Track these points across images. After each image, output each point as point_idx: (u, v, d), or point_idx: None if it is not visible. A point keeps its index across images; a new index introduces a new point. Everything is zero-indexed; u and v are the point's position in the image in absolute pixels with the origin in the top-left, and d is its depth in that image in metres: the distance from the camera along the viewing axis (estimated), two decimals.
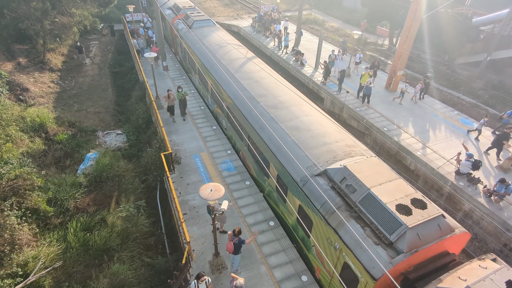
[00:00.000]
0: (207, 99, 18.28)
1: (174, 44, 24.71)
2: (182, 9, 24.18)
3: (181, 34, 21.18)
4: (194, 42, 19.03)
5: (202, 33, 20.06)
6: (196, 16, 22.25)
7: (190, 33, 19.88)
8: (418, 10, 17.56)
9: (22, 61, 21.61)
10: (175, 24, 22.85)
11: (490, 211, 12.30)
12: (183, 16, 23.07)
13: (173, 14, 24.29)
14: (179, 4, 25.70)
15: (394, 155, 16.18)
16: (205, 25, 21.32)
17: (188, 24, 21.14)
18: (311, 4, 39.98)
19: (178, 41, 22.41)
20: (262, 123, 11.77)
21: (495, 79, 24.16)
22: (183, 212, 11.34)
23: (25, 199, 10.76)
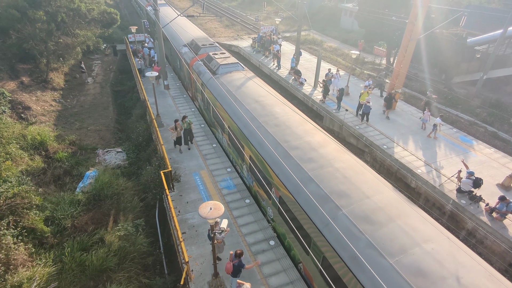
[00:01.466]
0: (240, 168, 14.34)
1: (191, 88, 21.16)
2: (202, 48, 20.81)
3: (203, 80, 17.75)
4: (221, 94, 15.63)
5: (231, 81, 16.42)
6: (221, 58, 18.61)
7: (215, 81, 16.63)
8: (414, 31, 18.02)
9: (25, 80, 21.92)
10: (195, 66, 19.47)
11: (493, 229, 12.13)
12: (204, 56, 19.69)
13: (191, 53, 21.08)
14: (198, 41, 22.24)
15: (394, 173, 16.13)
16: (233, 69, 17.74)
17: (212, 69, 17.81)
18: (309, 25, 41.01)
19: (198, 88, 18.88)
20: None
21: (492, 97, 24.44)
22: (182, 231, 11.18)
23: (22, 218, 10.63)
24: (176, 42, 23.58)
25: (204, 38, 23.71)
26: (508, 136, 19.70)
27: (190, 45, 22.38)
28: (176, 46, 23.10)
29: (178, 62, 23.35)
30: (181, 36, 23.95)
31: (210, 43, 22.05)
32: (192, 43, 22.39)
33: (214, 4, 57.16)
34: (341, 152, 11.07)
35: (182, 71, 23.09)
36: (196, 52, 20.85)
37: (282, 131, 12.17)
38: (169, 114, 19.22)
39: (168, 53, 26.87)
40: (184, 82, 23.00)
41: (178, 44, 23.26)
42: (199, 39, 23.19)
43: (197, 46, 21.33)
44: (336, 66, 27.44)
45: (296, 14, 32.24)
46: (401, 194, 9.40)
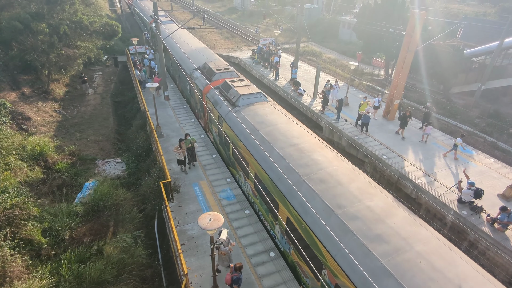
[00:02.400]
0: (271, 227, 11.86)
1: (204, 117, 18.88)
2: (217, 73, 18.45)
3: (221, 112, 15.47)
4: (243, 132, 13.23)
5: (255, 115, 14.02)
6: (240, 86, 16.25)
7: (235, 115, 14.27)
8: (411, 42, 18.25)
9: (26, 91, 22.06)
10: (209, 95, 17.18)
11: (495, 241, 12.01)
12: (220, 83, 17.46)
13: (203, 80, 18.65)
14: (211, 64, 19.75)
15: (394, 183, 16.08)
16: (256, 101, 15.37)
17: (231, 99, 15.61)
18: (308, 37, 41.58)
19: (214, 120, 16.60)
20: None
21: (490, 107, 24.60)
22: (181, 243, 11.06)
23: (19, 229, 10.53)
24: (186, 65, 21.37)
25: (218, 61, 21.23)
26: (507, 146, 19.73)
27: (202, 70, 19.84)
28: (185, 69, 21.18)
29: (188, 87, 21.29)
30: (191, 59, 21.44)
31: (225, 67, 19.56)
32: (205, 67, 19.82)
33: (214, 16, 58.05)
34: (417, 225, 8.32)
35: (192, 97, 20.88)
36: (210, 77, 18.43)
37: (331, 189, 9.54)
38: (169, 124, 19.27)
39: (169, 64, 27.10)
40: (196, 110, 20.69)
41: (188, 67, 20.97)
42: (213, 62, 20.60)
43: (211, 70, 18.87)
44: (335, 77, 27.70)
45: (295, 26, 32.73)
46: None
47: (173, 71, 26.36)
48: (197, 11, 48.60)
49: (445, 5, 56.76)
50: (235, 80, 17.19)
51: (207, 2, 76.44)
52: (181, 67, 21.85)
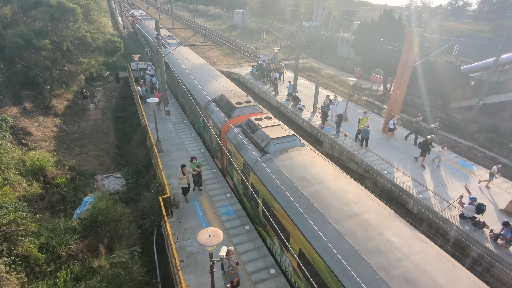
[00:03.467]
0: None
1: (222, 159, 16.11)
2: (238, 108, 15.85)
3: (247, 160, 12.59)
4: (279, 191, 10.40)
5: (292, 167, 11.23)
6: (269, 127, 13.43)
7: (265, 166, 11.41)
8: (409, 59, 18.55)
9: (28, 106, 22.22)
10: (230, 135, 14.41)
11: (499, 257, 11.82)
12: (243, 122, 14.76)
13: (221, 115, 15.99)
14: (231, 97, 17.03)
15: (395, 198, 15.96)
16: (290, 146, 12.53)
17: (259, 143, 12.85)
18: (307, 53, 42.27)
19: (236, 166, 13.82)
20: None
21: (489, 122, 24.74)
22: (180, 259, 10.87)
23: (16, 246, 10.37)
24: (199, 96, 19.00)
25: (236, 91, 18.42)
26: (508, 161, 19.71)
27: (219, 102, 17.27)
28: (198, 101, 18.98)
29: (201, 120, 18.73)
30: (205, 88, 19.15)
31: (245, 100, 16.86)
32: (222, 99, 17.24)
33: (215, 33, 59.22)
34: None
35: (206, 132, 18.27)
36: (229, 113, 15.93)
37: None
38: (169, 139, 19.32)
39: (170, 80, 27.33)
40: (210, 147, 18.17)
41: (201, 99, 18.61)
42: (230, 92, 18.05)
43: (230, 104, 16.32)
44: (334, 93, 27.98)
45: (294, 43, 33.34)
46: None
47: (175, 89, 26.01)
48: (198, 29, 49.54)
49: (441, 23, 58.05)
50: (260, 118, 14.46)
51: (208, 20, 78.19)
52: (193, 98, 19.60)
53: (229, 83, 20.89)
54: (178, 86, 23.75)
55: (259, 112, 15.97)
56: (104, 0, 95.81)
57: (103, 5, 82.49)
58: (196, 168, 13.80)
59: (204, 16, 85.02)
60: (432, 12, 68.56)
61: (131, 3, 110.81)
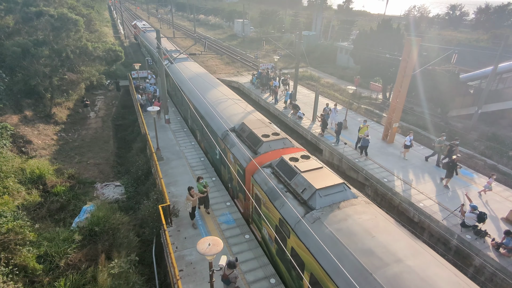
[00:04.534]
0: None
1: (247, 204, 13.31)
2: (265, 143, 13.15)
3: (284, 215, 10.00)
4: (340, 273, 7.69)
5: (351, 234, 8.47)
6: (310, 171, 10.83)
7: (313, 232, 8.58)
8: (408, 67, 18.69)
9: (29, 114, 22.29)
10: (258, 178, 11.90)
11: (502, 266, 11.70)
12: (273, 160, 12.35)
13: (244, 150, 13.20)
14: (254, 127, 14.34)
15: (396, 207, 15.89)
16: (340, 198, 9.88)
17: (299, 194, 10.19)
18: (307, 62, 42.61)
19: (267, 218, 11.36)
20: None
21: (488, 130, 24.79)
22: (179, 269, 10.76)
23: (14, 255, 10.28)
24: (215, 124, 16.39)
25: (260, 120, 15.61)
26: (508, 169, 19.67)
27: (240, 133, 14.57)
28: (214, 129, 16.29)
29: (217, 151, 16.10)
30: (221, 113, 16.80)
31: (273, 131, 14.11)
32: (244, 129, 14.53)
33: (215, 43, 59.79)
34: None
35: (224, 166, 15.51)
36: (255, 148, 13.18)
37: None
38: (169, 147, 19.32)
39: (171, 89, 27.42)
40: (229, 185, 15.25)
41: (218, 127, 15.98)
42: (253, 121, 15.28)
43: (255, 137, 13.59)
44: (334, 101, 28.11)
45: (294, 52, 33.63)
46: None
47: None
48: (199, 38, 49.99)
49: (438, 32, 58.68)
50: (296, 157, 11.77)
51: (208, 29, 79.06)
52: (207, 125, 17.06)
53: (249, 107, 18.17)
54: (188, 108, 20.96)
55: (289, 146, 13.45)
56: (106, 10, 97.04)
57: (105, 14, 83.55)
58: (203, 188, 12.78)
59: (205, 25, 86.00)
60: (429, 21, 69.34)
61: (132, 13, 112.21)
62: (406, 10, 77.11)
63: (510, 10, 62.12)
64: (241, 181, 13.17)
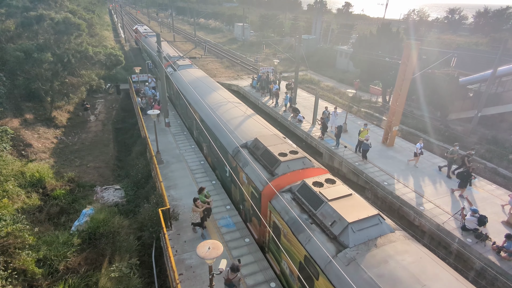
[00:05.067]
0: None
1: (261, 229, 12.12)
2: (283, 163, 11.66)
3: (312, 253, 8.65)
4: None
5: (392, 280, 7.21)
6: (338, 199, 9.44)
7: (347, 277, 7.38)
8: (407, 71, 18.75)
9: (29, 118, 22.31)
10: (278, 206, 10.43)
11: (503, 270, 11.65)
12: (294, 184, 10.96)
13: (258, 171, 11.76)
14: (270, 145, 12.86)
15: (396, 210, 15.85)
16: (376, 233, 8.55)
17: (328, 228, 8.82)
18: (307, 65, 42.74)
19: (286, 254, 10.03)
20: None
21: (488, 134, 24.80)
22: (179, 273, 10.72)
23: (13, 259, 10.23)
24: (224, 137, 15.02)
25: (274, 135, 14.14)
26: (508, 172, 19.66)
27: (253, 151, 13.11)
28: (224, 144, 14.89)
29: (226, 169, 14.67)
30: (231, 127, 15.47)
31: (291, 149, 12.66)
32: (258, 146, 13.05)
33: (215, 46, 60.01)
34: None
35: (233, 184, 14.29)
36: (272, 168, 11.68)
37: None
38: (169, 151, 19.33)
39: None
40: (240, 206, 13.86)
41: (227, 142, 14.60)
42: (267, 136, 13.81)
43: (271, 156, 12.10)
44: (334, 105, 28.16)
45: (294, 55, 33.76)
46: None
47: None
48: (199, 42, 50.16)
49: (438, 36, 58.91)
50: (320, 182, 10.23)
51: (208, 33, 79.38)
52: (215, 139, 15.78)
53: (261, 120, 16.73)
54: (194, 119, 19.76)
55: (309, 166, 11.99)
56: (107, 14, 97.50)
57: (105, 18, 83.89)
58: (205, 199, 12.42)
59: (205, 29, 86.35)
60: (429, 25, 69.60)
61: (133, 17, 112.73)
62: (405, 14, 77.49)
63: (508, 14, 62.40)
64: (256, 206, 11.83)
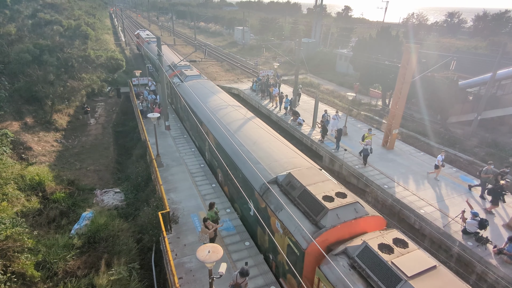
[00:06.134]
0: None
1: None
2: (331, 211, 9.11)
3: None
4: None
5: None
6: (423, 278, 6.99)
7: None
8: (407, 74, 18.79)
9: (29, 121, 22.33)
10: (330, 275, 8.03)
11: (504, 274, 11.59)
12: (351, 246, 8.37)
13: (298, 220, 9.42)
14: (309, 184, 10.35)
15: (397, 213, 15.81)
16: None
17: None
18: (306, 69, 42.86)
19: None
20: None
21: (488, 137, 24.81)
22: (179, 276, 10.67)
23: (12, 262, 10.19)
24: (247, 170, 12.45)
25: (312, 169, 11.62)
26: (509, 175, 19.63)
27: (287, 189, 10.60)
28: (248, 177, 12.34)
29: (251, 206, 12.23)
30: (257, 156, 12.78)
31: (337, 190, 10.04)
32: (293, 185, 10.54)
33: (215, 50, 60.20)
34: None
35: (259, 226, 11.77)
36: (317, 219, 9.15)
37: None
38: (169, 154, 19.32)
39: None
40: (271, 255, 11.25)
41: (252, 176, 12.04)
42: (303, 170, 11.30)
43: (313, 200, 9.61)
44: (333, 108, 28.22)
45: (294, 59, 33.84)
46: None
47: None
48: (199, 45, 50.35)
49: (437, 39, 59.13)
50: (388, 245, 7.95)
51: (208, 37, 79.69)
52: (236, 169, 13.35)
53: (290, 146, 14.06)
54: (206, 140, 17.32)
55: (363, 214, 9.34)
56: (107, 18, 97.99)
57: (106, 22, 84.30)
58: (216, 215, 11.66)
59: (205, 33, 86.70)
60: (428, 29, 69.86)
61: (133, 20, 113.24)
62: (404, 18, 77.85)
63: (507, 18, 62.70)
64: (294, 265, 9.31)
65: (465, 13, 76.68)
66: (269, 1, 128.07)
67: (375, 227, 9.45)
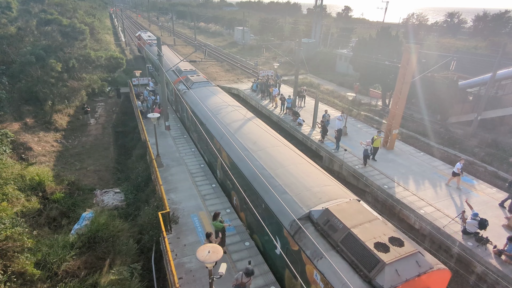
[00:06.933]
0: None
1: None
2: (388, 266, 7.16)
3: None
4: None
5: None
6: None
7: None
8: (407, 74, 18.79)
9: (29, 122, 22.34)
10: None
11: (504, 274, 11.59)
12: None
13: (341, 272, 7.55)
14: (354, 226, 8.41)
15: (397, 214, 15.81)
16: None
17: None
18: (306, 69, 42.86)
19: None
20: None
21: (488, 137, 24.80)
22: (179, 276, 10.67)
23: (12, 262, 10.20)
24: (274, 203, 10.62)
25: (355, 207, 9.40)
26: (508, 175, 19.63)
27: (325, 229, 8.82)
28: (275, 212, 10.44)
29: (277, 248, 10.57)
30: (284, 185, 10.95)
31: (390, 233, 8.30)
32: (333, 225, 8.73)
33: (215, 50, 60.21)
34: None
35: (288, 270, 10.05)
36: (369, 274, 7.36)
37: None
38: (169, 154, 19.32)
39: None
40: None
41: (280, 211, 10.20)
42: (344, 208, 9.22)
43: (361, 249, 7.80)
44: (333, 108, 28.22)
45: (294, 59, 33.84)
46: None
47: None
48: (199, 45, 50.38)
49: (437, 40, 59.14)
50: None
51: (208, 37, 79.70)
52: (256, 197, 11.70)
53: (320, 170, 12.17)
54: (217, 158, 15.64)
55: (427, 269, 7.52)
56: (107, 18, 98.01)
57: (106, 22, 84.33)
58: (221, 224, 11.22)
59: (205, 33, 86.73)
60: (428, 29, 69.89)
61: (133, 21, 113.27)
62: (404, 18, 77.87)
63: (507, 18, 62.72)
64: None
65: (465, 13, 76.74)
66: (269, 1, 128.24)
67: (440, 284, 7.73)
